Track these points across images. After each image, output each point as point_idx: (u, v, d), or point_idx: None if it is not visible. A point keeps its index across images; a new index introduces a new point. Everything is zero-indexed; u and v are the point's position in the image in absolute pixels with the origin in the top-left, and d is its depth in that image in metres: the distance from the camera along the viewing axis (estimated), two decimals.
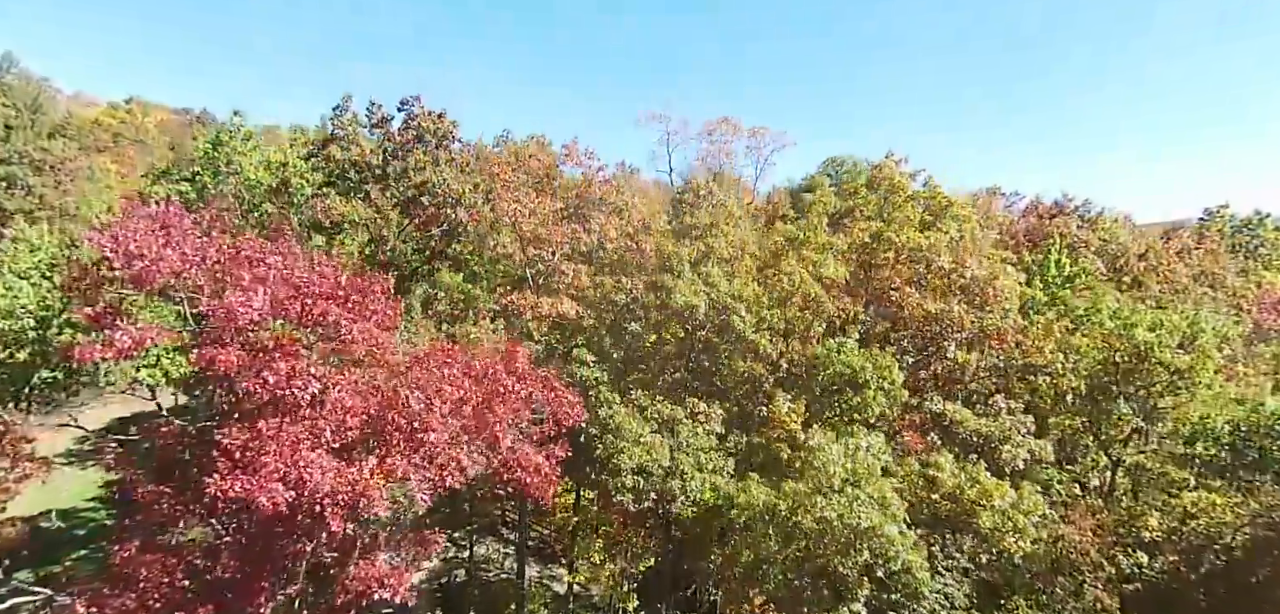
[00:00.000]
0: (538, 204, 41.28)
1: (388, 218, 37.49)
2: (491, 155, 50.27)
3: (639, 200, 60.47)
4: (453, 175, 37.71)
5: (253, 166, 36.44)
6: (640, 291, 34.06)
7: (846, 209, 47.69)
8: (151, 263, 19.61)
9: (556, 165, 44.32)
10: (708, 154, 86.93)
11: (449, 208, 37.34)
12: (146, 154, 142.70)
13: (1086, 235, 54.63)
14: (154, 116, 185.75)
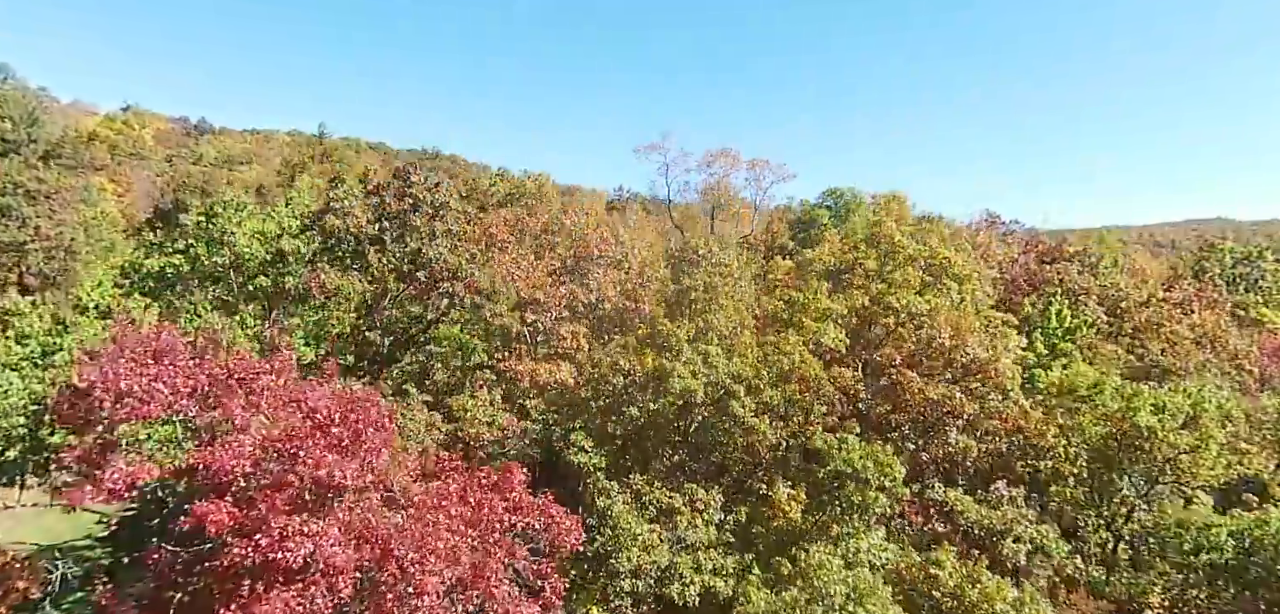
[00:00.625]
0: (535, 267, 41.00)
1: (385, 279, 37.12)
2: (488, 216, 49.90)
3: (638, 243, 60.27)
4: (448, 246, 37.35)
5: (247, 238, 36.00)
6: (638, 371, 33.71)
7: (846, 263, 47.30)
8: (141, 401, 19.33)
9: (554, 220, 43.92)
10: (708, 188, 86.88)
11: (446, 281, 37.01)
12: (143, 168, 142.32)
13: (1087, 281, 54.31)
14: (151, 126, 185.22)
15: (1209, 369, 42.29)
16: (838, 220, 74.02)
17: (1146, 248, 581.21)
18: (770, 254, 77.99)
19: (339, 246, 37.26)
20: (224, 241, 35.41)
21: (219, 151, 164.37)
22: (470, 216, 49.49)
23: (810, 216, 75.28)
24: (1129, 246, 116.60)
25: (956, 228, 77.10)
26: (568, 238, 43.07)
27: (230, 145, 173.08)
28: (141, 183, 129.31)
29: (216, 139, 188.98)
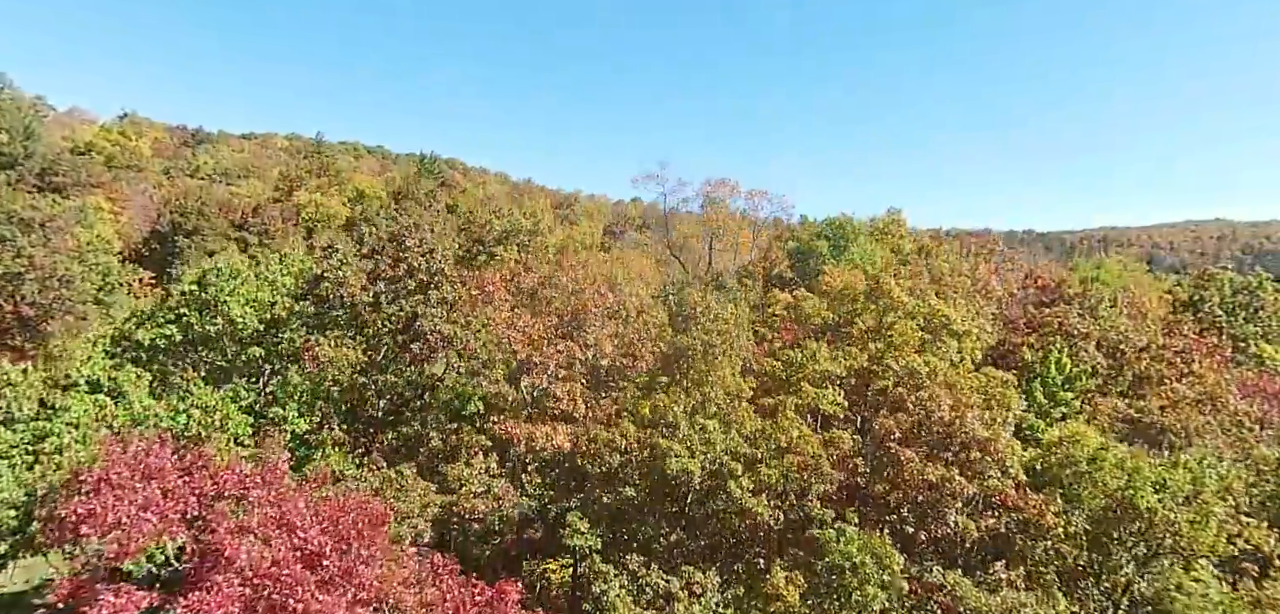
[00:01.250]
0: (531, 324, 40.64)
1: (380, 342, 36.83)
2: (484, 270, 49.54)
3: (635, 283, 59.92)
4: (442, 314, 37.05)
5: (240, 308, 35.67)
6: (635, 449, 33.44)
7: (846, 316, 47.08)
8: (128, 537, 19.08)
9: (550, 278, 43.55)
10: (706, 217, 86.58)
11: (440, 350, 36.74)
12: (140, 181, 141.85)
13: (1087, 325, 54.03)
14: (148, 136, 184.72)
15: (1209, 430, 42.05)
16: (836, 251, 73.70)
17: (1144, 250, 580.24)
18: (769, 285, 77.83)
19: (333, 312, 37.00)
20: (217, 309, 35.15)
21: (216, 163, 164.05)
22: (465, 262, 49.15)
23: (809, 247, 74.97)
24: (1128, 265, 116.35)
25: (957, 255, 77.01)
26: (563, 294, 42.73)
27: (227, 156, 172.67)
28: (138, 199, 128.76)
29: (214, 148, 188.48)
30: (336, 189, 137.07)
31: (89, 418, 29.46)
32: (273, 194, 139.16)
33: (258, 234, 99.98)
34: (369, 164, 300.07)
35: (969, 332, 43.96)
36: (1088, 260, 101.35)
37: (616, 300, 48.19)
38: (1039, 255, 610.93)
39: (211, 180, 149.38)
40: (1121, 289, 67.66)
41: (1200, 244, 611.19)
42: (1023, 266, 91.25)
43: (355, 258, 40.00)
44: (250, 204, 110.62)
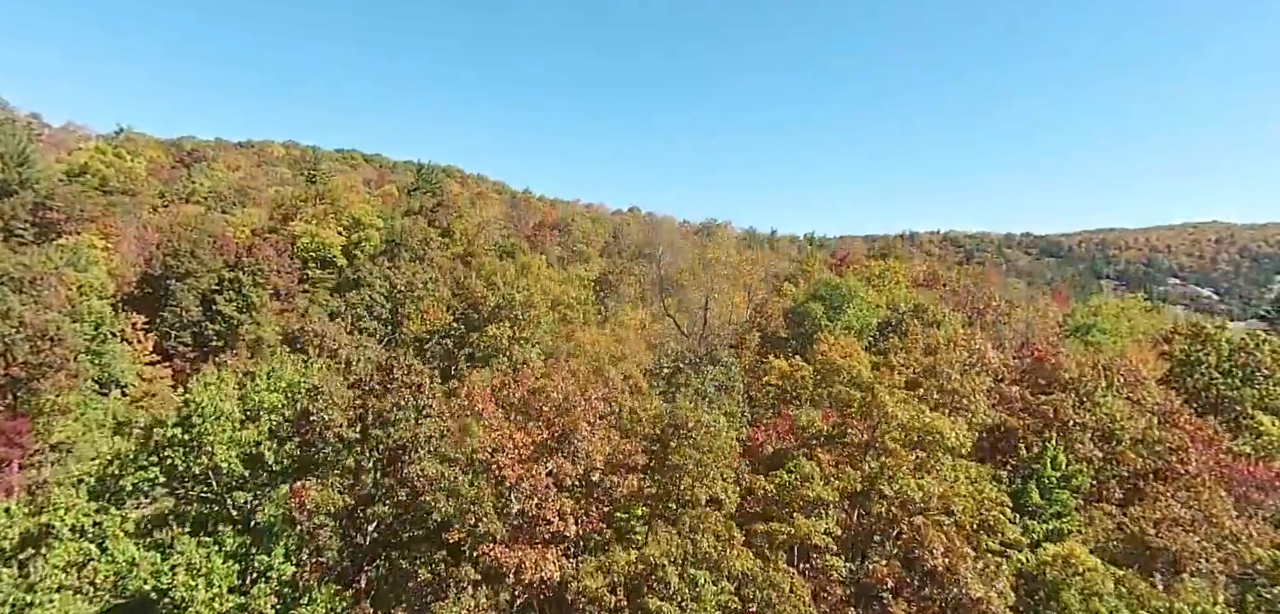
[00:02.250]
0: (521, 443, 40.18)
1: (369, 477, 36.43)
2: (468, 382, 49.05)
3: (629, 364, 59.48)
4: (433, 465, 36.61)
5: (224, 452, 35.16)
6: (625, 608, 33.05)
7: (840, 427, 46.76)
8: None
9: (539, 391, 43.03)
10: (699, 266, 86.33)
11: (427, 494, 36.26)
12: (136, 207, 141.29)
13: (1083, 416, 53.72)
14: (145, 155, 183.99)
15: (1205, 552, 41.69)
16: (833, 312, 73.34)
17: (1143, 253, 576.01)
18: (765, 346, 77.53)
19: (320, 449, 36.58)
20: (202, 450, 34.70)
21: (211, 184, 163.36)
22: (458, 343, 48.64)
23: (804, 309, 74.58)
24: (1125, 306, 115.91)
25: (955, 320, 76.65)
26: (553, 405, 42.20)
27: (222, 176, 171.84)
28: (132, 229, 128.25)
29: (209, 168, 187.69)
30: (333, 217, 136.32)
31: (72, 574, 29.01)
32: (268, 221, 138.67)
33: (251, 273, 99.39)
34: (366, 173, 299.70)
35: (964, 444, 43.58)
36: (1085, 305, 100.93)
37: (608, 394, 47.75)
38: (1038, 258, 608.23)
39: (207, 206, 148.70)
40: (1118, 356, 67.13)
41: (1199, 247, 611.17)
42: (1021, 317, 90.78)
43: (341, 386, 39.47)
44: (245, 242, 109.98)
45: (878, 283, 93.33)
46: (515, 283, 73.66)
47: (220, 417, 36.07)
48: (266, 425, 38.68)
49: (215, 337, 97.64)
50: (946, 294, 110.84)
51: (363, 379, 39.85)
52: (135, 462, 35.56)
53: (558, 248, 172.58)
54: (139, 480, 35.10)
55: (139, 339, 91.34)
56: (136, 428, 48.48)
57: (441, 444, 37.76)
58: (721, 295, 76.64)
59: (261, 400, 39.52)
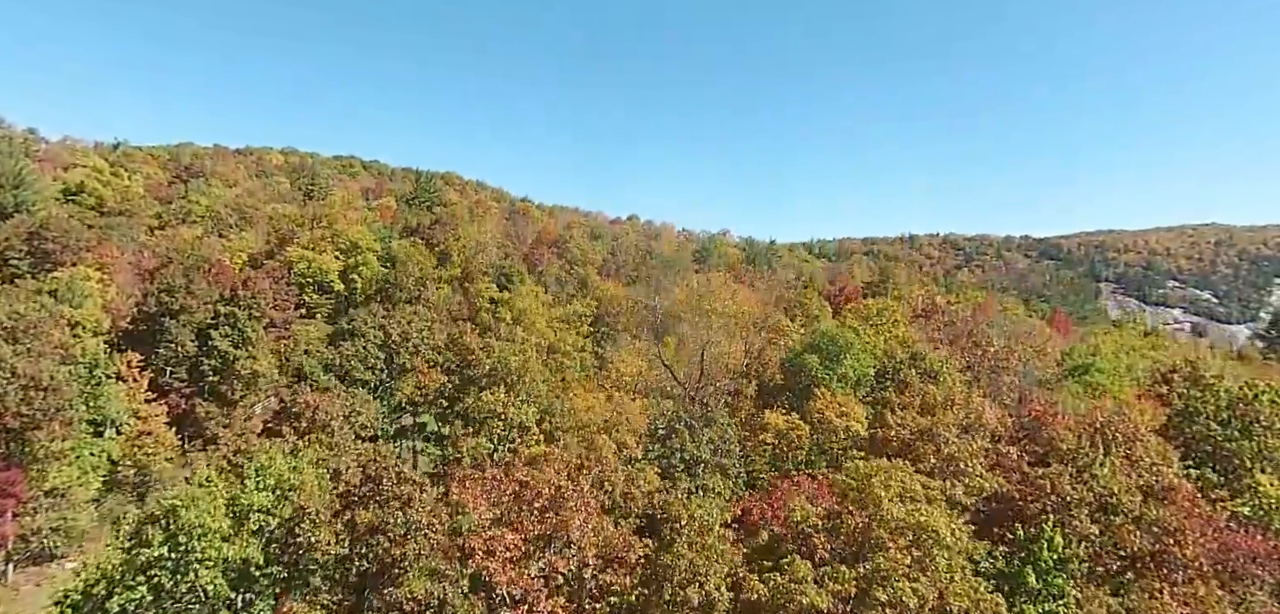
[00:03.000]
0: (512, 541, 39.89)
1: (351, 585, 36.17)
2: (463, 475, 48.62)
3: (624, 431, 59.10)
4: (422, 583, 36.19)
5: (210, 575, 34.76)
6: None
7: (836, 517, 46.46)
8: None
9: (530, 484, 42.70)
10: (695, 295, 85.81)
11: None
12: (132, 228, 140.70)
13: (1080, 491, 53.45)
14: (142, 171, 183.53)
15: None
16: (830, 363, 72.96)
17: (1142, 257, 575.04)
18: (762, 401, 77.19)
19: (308, 572, 36.27)
20: (189, 568, 34.39)
21: (208, 203, 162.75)
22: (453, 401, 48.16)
23: (801, 360, 74.21)
24: (1124, 339, 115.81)
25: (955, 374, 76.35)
26: (544, 498, 41.90)
27: (219, 193, 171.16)
28: (129, 256, 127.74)
29: (206, 184, 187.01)
30: (330, 241, 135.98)
31: None
32: (265, 244, 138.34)
33: (247, 307, 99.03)
34: (364, 181, 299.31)
35: (959, 538, 43.35)
36: (1083, 345, 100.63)
37: (603, 472, 47.44)
38: (1037, 260, 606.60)
39: (204, 228, 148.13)
40: (1116, 413, 66.72)
41: (1198, 250, 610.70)
42: (1021, 357, 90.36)
43: (329, 494, 39.13)
44: (241, 274, 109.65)
45: (876, 322, 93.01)
46: (511, 333, 73.31)
47: (206, 533, 35.78)
48: (255, 527, 38.33)
49: (211, 372, 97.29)
50: (944, 327, 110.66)
51: (351, 489, 39.44)
52: (122, 581, 35.28)
53: (556, 265, 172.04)
54: (125, 602, 34.83)
55: (134, 377, 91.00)
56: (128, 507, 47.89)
57: (432, 558, 37.41)
58: (718, 343, 76.16)
59: (251, 502, 39.21)
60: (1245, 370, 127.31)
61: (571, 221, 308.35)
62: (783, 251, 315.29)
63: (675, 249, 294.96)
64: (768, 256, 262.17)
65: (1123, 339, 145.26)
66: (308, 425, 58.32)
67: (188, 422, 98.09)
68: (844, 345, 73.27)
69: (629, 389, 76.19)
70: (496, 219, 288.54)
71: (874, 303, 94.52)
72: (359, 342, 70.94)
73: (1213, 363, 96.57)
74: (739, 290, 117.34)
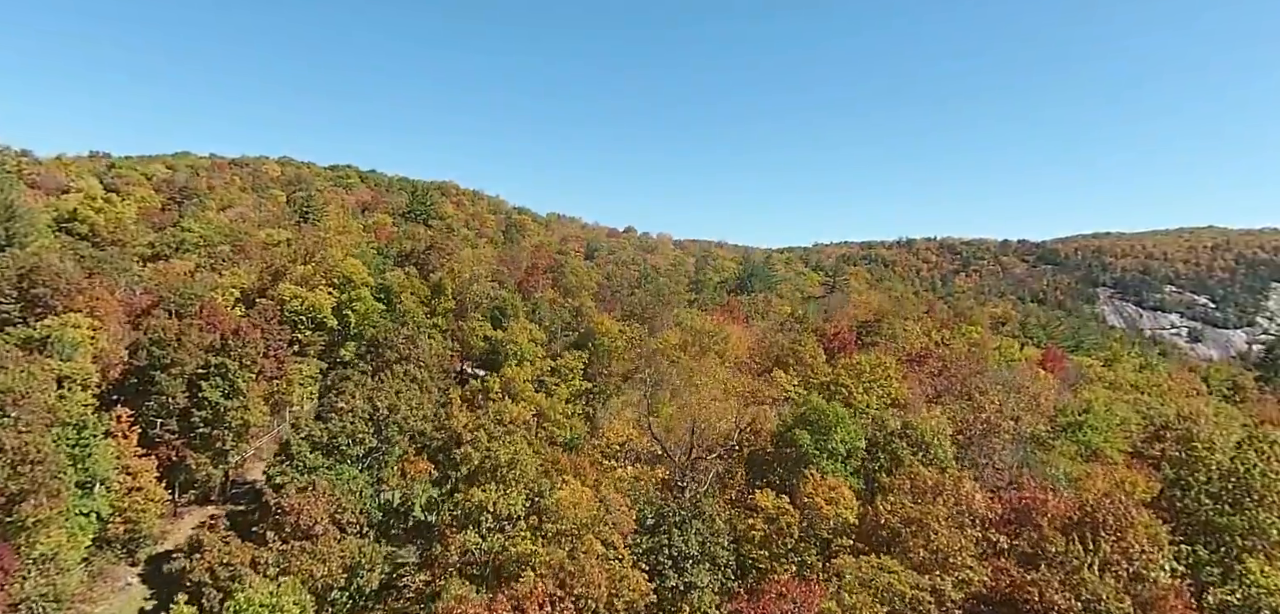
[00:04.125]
0: None
1: None
2: None
3: (610, 530, 58.80)
4: None
5: None
6: None
7: None
8: None
9: None
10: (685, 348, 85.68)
11: None
12: (125, 263, 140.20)
13: (1067, 600, 53.36)
14: (135, 195, 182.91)
15: None
16: (820, 440, 72.63)
17: (1139, 262, 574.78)
18: (752, 475, 76.89)
19: None
20: None
21: (202, 232, 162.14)
22: None
23: (792, 435, 73.89)
24: (1119, 392, 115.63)
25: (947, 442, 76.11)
26: None
27: (214, 221, 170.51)
28: (121, 292, 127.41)
29: (202, 206, 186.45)
30: (323, 275, 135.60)
31: None
32: (258, 279, 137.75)
33: (237, 357, 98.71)
34: (360, 194, 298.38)
35: None
36: (1076, 401, 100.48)
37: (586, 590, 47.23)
38: (1034, 265, 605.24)
39: (196, 261, 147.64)
40: (1106, 496, 66.42)
41: (1195, 254, 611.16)
42: (1013, 409, 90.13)
43: None
44: (232, 321, 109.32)
45: (869, 379, 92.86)
46: (499, 408, 73.01)
47: None
48: None
49: (201, 423, 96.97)
50: (937, 375, 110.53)
51: None
52: None
53: (551, 293, 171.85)
54: None
55: (124, 432, 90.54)
56: None
57: None
58: (708, 415, 75.62)
59: None
60: (1242, 412, 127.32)
61: (568, 235, 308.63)
62: (778, 264, 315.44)
63: (671, 263, 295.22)
64: (763, 272, 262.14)
65: (1118, 374, 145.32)
66: (291, 530, 57.97)
67: (179, 471, 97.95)
68: (834, 420, 72.93)
69: (618, 453, 75.91)
70: (492, 230, 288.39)
71: (866, 359, 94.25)
72: (346, 418, 70.53)
73: (1205, 410, 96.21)
74: (732, 334, 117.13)
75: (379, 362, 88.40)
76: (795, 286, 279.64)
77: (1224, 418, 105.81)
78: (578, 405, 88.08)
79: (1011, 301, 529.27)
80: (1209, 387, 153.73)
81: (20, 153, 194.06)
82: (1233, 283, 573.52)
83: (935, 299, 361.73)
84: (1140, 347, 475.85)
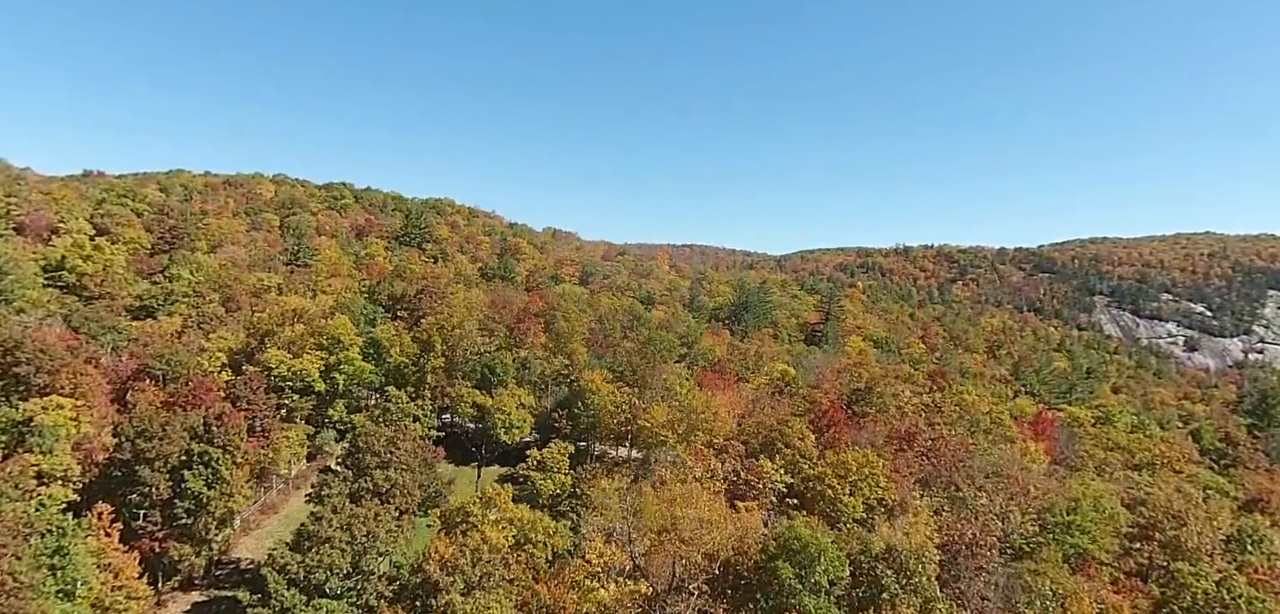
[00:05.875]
0: None
1: None
2: None
3: None
4: None
5: None
6: None
7: None
8: None
9: None
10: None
11: None
12: (112, 321, 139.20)
13: None
14: (124, 236, 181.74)
15: None
16: (802, 572, 71.98)
17: (1136, 268, 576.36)
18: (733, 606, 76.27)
19: None
20: None
21: (191, 281, 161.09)
22: None
23: (774, 567, 73.15)
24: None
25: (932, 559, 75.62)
26: None
27: (202, 272, 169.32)
28: (105, 360, 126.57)
29: (192, 248, 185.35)
30: (311, 336, 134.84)
31: None
32: (246, 340, 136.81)
33: (221, 447, 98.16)
34: (354, 217, 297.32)
35: None
36: (1064, 491, 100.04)
37: None
38: (1031, 274, 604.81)
39: (184, 315, 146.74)
40: None
41: (1191, 262, 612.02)
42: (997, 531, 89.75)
43: None
44: (216, 403, 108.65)
45: (856, 477, 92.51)
46: (482, 519, 72.58)
47: None
48: None
49: (184, 513, 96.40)
50: (925, 454, 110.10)
51: None
52: None
53: (542, 337, 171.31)
54: None
55: (105, 531, 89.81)
56: None
57: None
58: (690, 550, 74.75)
59: None
60: (1233, 483, 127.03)
61: (563, 258, 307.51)
62: (774, 288, 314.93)
63: (666, 287, 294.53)
64: (758, 298, 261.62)
65: (1110, 437, 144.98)
66: None
67: (161, 561, 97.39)
68: (817, 549, 72.31)
69: (599, 573, 75.36)
70: (488, 253, 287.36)
71: (853, 456, 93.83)
72: (324, 550, 69.88)
73: (1193, 511, 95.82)
74: (720, 409, 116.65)
75: (359, 468, 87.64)
76: (790, 311, 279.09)
77: (1213, 507, 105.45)
78: (564, 502, 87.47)
79: (1008, 311, 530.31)
80: (1201, 446, 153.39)
81: (23, 169, 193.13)
82: (1229, 291, 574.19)
83: (930, 320, 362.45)
84: (1136, 356, 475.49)
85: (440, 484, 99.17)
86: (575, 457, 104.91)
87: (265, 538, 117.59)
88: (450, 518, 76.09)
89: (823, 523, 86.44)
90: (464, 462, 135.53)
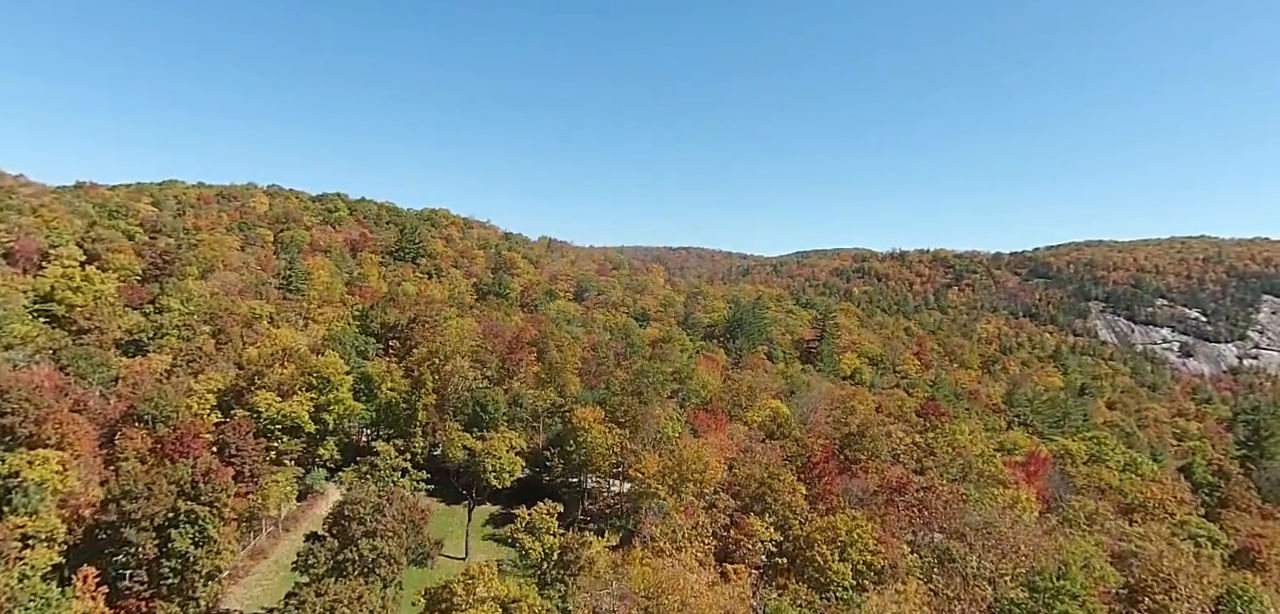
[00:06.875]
0: None
1: None
2: None
3: None
4: None
5: None
6: None
7: None
8: None
9: None
10: None
11: None
12: (102, 357, 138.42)
13: None
14: (115, 264, 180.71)
15: None
16: None
17: (1131, 273, 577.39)
18: None
19: None
20: None
21: (183, 310, 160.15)
22: None
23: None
24: (1100, 554, 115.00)
25: None
26: None
27: (194, 301, 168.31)
28: (93, 404, 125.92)
29: (183, 274, 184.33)
30: (301, 375, 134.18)
31: None
32: (235, 379, 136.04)
33: (207, 504, 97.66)
34: (349, 230, 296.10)
35: None
36: (1055, 569, 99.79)
37: None
38: (1027, 278, 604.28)
39: (174, 351, 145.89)
40: None
41: (1186, 267, 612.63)
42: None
43: None
44: (208, 418, 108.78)
45: (845, 541, 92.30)
46: None
47: None
48: None
49: (170, 573, 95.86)
50: (913, 508, 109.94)
51: None
52: None
53: (535, 366, 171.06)
54: None
55: (91, 595, 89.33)
56: None
57: None
58: None
59: None
60: (1224, 530, 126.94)
61: (557, 272, 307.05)
62: (769, 302, 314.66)
63: (661, 302, 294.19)
64: (752, 317, 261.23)
65: (1102, 477, 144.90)
66: None
67: None
68: None
69: None
70: (482, 267, 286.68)
71: (843, 522, 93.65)
72: None
73: (1183, 566, 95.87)
74: (710, 460, 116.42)
75: (345, 537, 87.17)
76: (785, 327, 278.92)
77: (1203, 562, 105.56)
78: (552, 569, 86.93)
79: (1004, 317, 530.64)
80: (1193, 482, 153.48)
81: (18, 176, 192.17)
82: (1224, 296, 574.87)
83: (925, 333, 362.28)
84: (1131, 363, 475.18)
85: (428, 545, 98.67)
86: (564, 514, 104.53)
87: (254, 586, 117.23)
88: (436, 598, 75.56)
89: (812, 592, 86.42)
90: (454, 501, 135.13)
